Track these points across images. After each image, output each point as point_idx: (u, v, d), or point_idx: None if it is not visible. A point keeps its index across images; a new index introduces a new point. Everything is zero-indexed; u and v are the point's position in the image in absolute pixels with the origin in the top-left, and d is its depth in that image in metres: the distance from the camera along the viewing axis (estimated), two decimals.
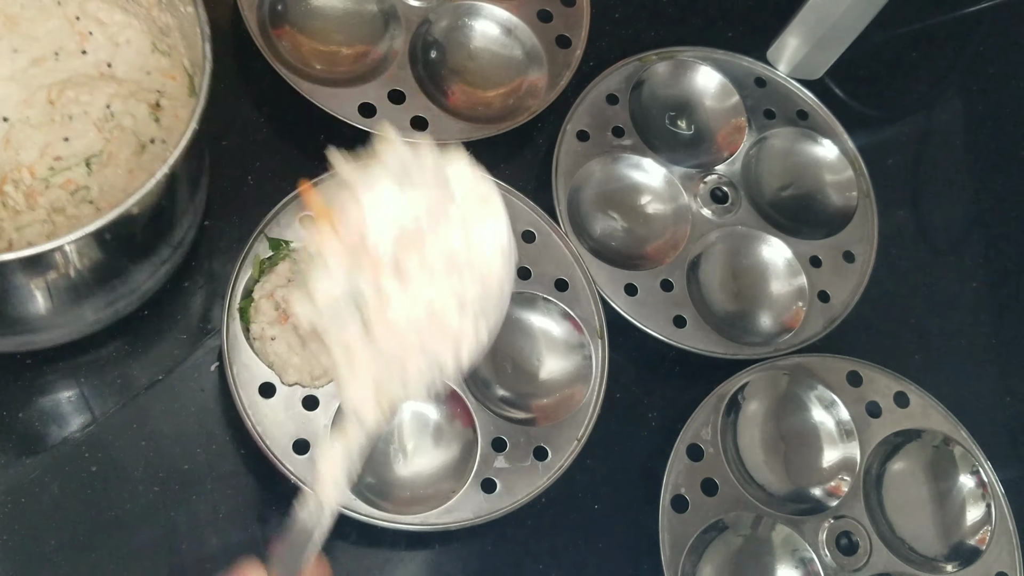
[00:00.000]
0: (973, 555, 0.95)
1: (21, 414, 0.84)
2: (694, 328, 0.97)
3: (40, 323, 0.80)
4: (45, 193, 0.82)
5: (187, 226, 0.85)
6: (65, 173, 0.83)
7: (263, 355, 0.84)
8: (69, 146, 0.84)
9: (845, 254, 1.05)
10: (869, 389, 0.99)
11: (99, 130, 0.84)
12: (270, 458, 0.81)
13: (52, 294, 0.77)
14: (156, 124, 0.85)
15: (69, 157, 0.83)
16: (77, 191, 0.82)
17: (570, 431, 0.89)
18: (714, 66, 1.10)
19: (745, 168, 1.07)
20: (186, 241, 0.87)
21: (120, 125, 0.84)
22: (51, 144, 0.83)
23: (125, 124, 0.84)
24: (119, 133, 0.84)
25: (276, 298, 0.84)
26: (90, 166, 0.83)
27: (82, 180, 0.83)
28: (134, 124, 0.85)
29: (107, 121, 0.84)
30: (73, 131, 0.84)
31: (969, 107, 1.24)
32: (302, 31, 1.00)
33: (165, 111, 0.86)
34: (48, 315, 0.79)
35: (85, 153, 0.84)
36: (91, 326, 0.84)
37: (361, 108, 0.96)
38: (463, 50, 1.04)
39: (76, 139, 0.84)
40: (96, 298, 0.80)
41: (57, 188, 0.82)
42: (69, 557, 0.80)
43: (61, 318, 0.81)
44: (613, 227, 1.02)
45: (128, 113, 0.85)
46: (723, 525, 0.90)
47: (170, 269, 0.86)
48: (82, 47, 0.87)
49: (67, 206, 0.82)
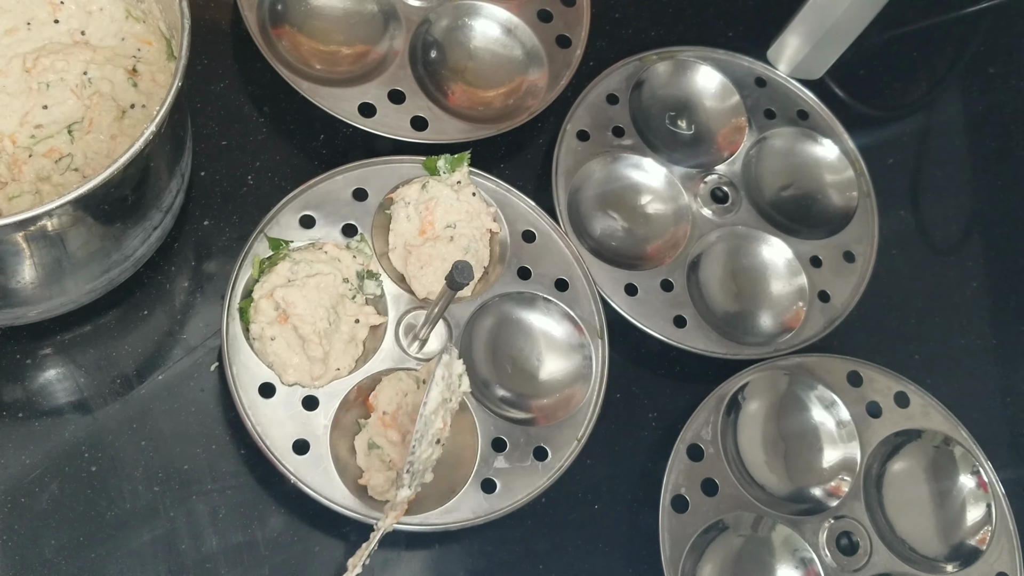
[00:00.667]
0: (973, 555, 0.95)
1: (21, 414, 0.84)
2: (694, 328, 0.97)
3: (37, 293, 0.80)
4: (29, 162, 0.82)
5: (175, 190, 0.86)
6: (48, 141, 0.83)
7: (263, 355, 0.84)
8: (49, 113, 0.84)
9: (845, 254, 1.05)
10: (869, 389, 0.99)
11: (78, 97, 0.84)
12: (270, 458, 0.81)
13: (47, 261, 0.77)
14: (135, 89, 0.86)
15: (50, 125, 0.84)
16: (61, 159, 0.83)
17: (570, 431, 0.88)
18: (714, 66, 1.10)
19: (745, 168, 1.07)
20: (175, 205, 0.87)
21: (99, 91, 0.84)
22: (30, 112, 0.84)
23: (104, 90, 0.85)
24: (98, 99, 0.84)
25: (276, 298, 0.84)
26: (72, 133, 0.84)
27: (65, 148, 0.83)
28: (112, 90, 0.85)
29: (85, 88, 0.84)
30: (51, 99, 0.84)
31: (969, 107, 1.24)
32: (302, 31, 1.00)
33: (143, 76, 0.87)
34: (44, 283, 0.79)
35: (66, 120, 0.84)
36: (88, 295, 0.84)
37: (361, 108, 0.96)
38: (463, 50, 1.04)
39: (55, 106, 0.84)
40: (92, 264, 0.80)
41: (41, 157, 0.83)
42: (69, 557, 0.80)
43: (57, 286, 0.80)
44: (613, 227, 1.02)
45: (106, 79, 0.85)
46: (723, 525, 0.90)
47: (161, 235, 0.86)
48: (54, 16, 0.87)
49: (52, 174, 0.82)
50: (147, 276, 0.90)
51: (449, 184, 0.92)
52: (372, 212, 0.91)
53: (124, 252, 0.82)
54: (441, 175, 0.93)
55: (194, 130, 0.96)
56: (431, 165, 0.93)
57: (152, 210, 0.82)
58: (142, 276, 0.89)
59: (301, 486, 0.80)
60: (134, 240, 0.82)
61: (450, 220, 0.91)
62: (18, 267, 0.76)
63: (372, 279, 0.89)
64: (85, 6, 0.88)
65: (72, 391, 0.85)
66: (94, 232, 0.77)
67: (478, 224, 0.92)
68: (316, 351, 0.83)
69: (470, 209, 0.92)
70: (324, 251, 0.87)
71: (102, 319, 0.88)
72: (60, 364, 0.86)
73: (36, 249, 0.74)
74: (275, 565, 0.83)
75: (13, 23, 0.87)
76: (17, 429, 0.83)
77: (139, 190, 0.78)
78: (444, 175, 0.93)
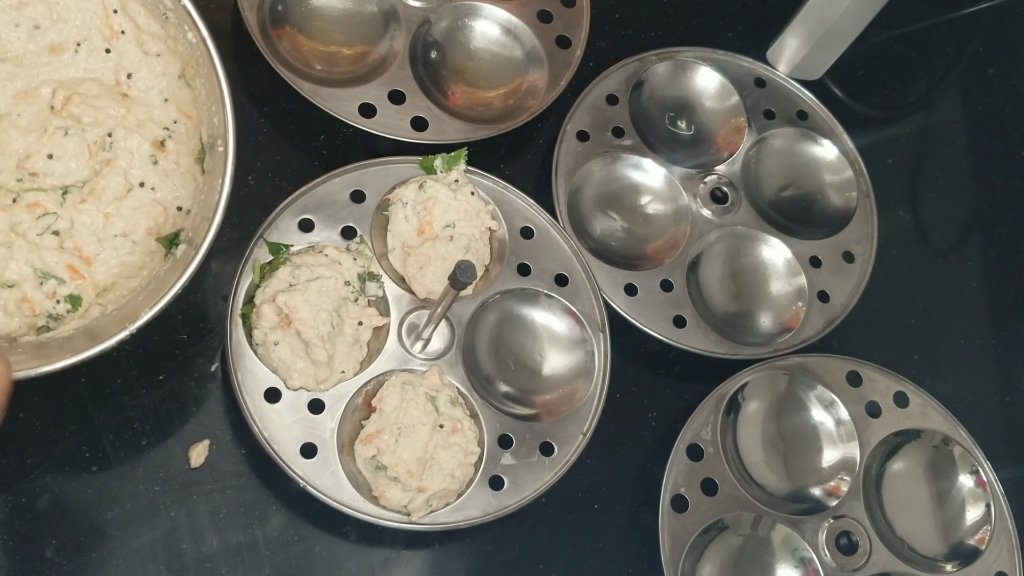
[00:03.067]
0: (973, 555, 0.95)
1: (21, 414, 0.84)
2: (694, 328, 0.97)
3: None
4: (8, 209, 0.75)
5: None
6: (37, 194, 0.75)
7: (267, 360, 0.84)
8: (50, 164, 0.76)
9: (845, 254, 1.05)
10: (869, 389, 0.99)
11: (90, 156, 0.76)
12: (278, 463, 0.81)
13: None
14: (153, 167, 0.78)
15: (46, 177, 0.76)
16: (44, 216, 0.75)
17: (575, 425, 0.89)
18: (714, 66, 1.10)
19: (745, 168, 1.07)
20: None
21: (113, 160, 0.76)
22: (32, 156, 0.76)
23: (119, 162, 0.77)
24: (109, 169, 0.76)
25: (278, 303, 0.84)
26: (65, 196, 0.76)
27: (53, 207, 0.75)
28: (128, 163, 0.77)
29: (102, 150, 0.77)
30: (62, 149, 0.76)
31: (969, 107, 1.24)
32: (302, 31, 1.00)
33: (168, 154, 0.78)
34: None
35: (64, 178, 0.76)
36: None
37: (361, 108, 0.96)
38: (463, 50, 1.05)
39: (61, 160, 0.76)
40: None
41: (23, 209, 0.75)
42: (69, 557, 0.80)
43: None
44: (613, 227, 1.02)
45: (128, 150, 0.77)
46: (723, 525, 0.90)
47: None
48: (108, 44, 0.79)
49: (29, 232, 0.75)
50: None
51: (446, 183, 0.92)
52: (370, 214, 0.92)
53: None
54: (438, 174, 0.93)
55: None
56: (428, 164, 0.93)
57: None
58: None
59: (311, 490, 0.80)
60: None
61: (449, 219, 0.91)
62: None
63: (373, 281, 0.89)
64: (143, 44, 0.79)
65: (72, 391, 0.85)
66: None
67: (477, 223, 0.92)
68: (320, 355, 0.83)
69: (469, 208, 0.92)
70: (324, 254, 0.87)
71: None
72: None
73: None
74: (276, 565, 0.83)
75: (63, 39, 0.78)
76: (17, 429, 0.83)
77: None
78: (441, 174, 0.93)
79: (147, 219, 0.77)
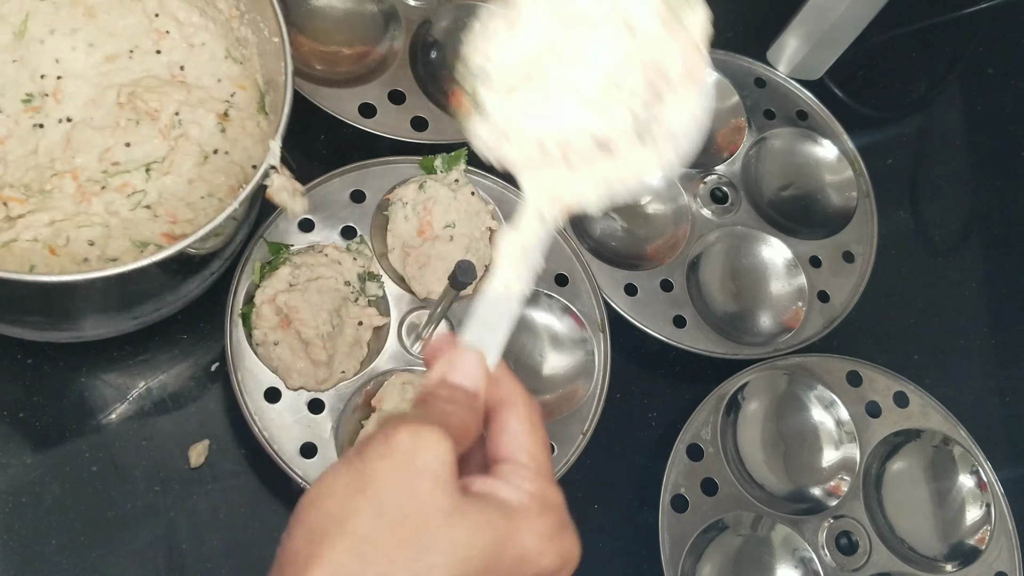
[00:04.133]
0: (973, 555, 0.95)
1: (22, 414, 0.84)
2: (694, 328, 0.97)
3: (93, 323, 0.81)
4: (100, 195, 0.80)
5: (240, 240, 0.85)
6: (123, 176, 0.81)
7: (267, 360, 0.84)
8: (129, 151, 0.82)
9: (845, 254, 1.05)
10: (869, 389, 0.99)
11: (164, 137, 0.82)
12: (278, 463, 0.81)
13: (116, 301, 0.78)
14: (222, 135, 0.84)
15: (128, 162, 0.82)
16: (133, 194, 0.81)
17: (575, 426, 0.89)
18: (714, 66, 1.10)
19: (745, 168, 1.07)
20: (235, 253, 0.86)
21: (186, 134, 0.82)
22: (111, 149, 0.82)
23: (191, 133, 0.82)
24: (184, 142, 0.82)
25: (278, 303, 0.84)
26: (149, 172, 0.82)
27: (139, 184, 0.81)
28: (200, 134, 0.83)
29: (173, 128, 0.82)
30: (137, 136, 0.82)
31: (969, 107, 1.24)
32: (302, 31, 1.00)
33: (232, 122, 0.84)
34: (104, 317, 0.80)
35: (145, 159, 0.82)
36: (133, 325, 0.83)
37: (361, 108, 0.96)
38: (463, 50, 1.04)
39: (138, 145, 0.82)
40: (146, 304, 0.81)
41: (113, 191, 0.80)
42: (69, 557, 0.80)
43: (112, 320, 0.82)
44: (613, 227, 1.02)
45: (196, 123, 0.83)
46: (723, 525, 0.90)
47: (216, 279, 0.86)
48: (157, 46, 0.85)
49: (121, 209, 0.80)
50: None
51: (447, 183, 0.92)
52: (370, 214, 0.91)
53: (179, 294, 0.83)
54: (438, 174, 0.93)
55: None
56: (428, 164, 0.93)
57: (215, 260, 0.82)
58: None
59: None
60: (191, 284, 0.83)
61: (449, 219, 0.91)
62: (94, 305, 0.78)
63: (373, 281, 0.89)
64: (188, 38, 0.86)
65: (72, 391, 0.85)
66: (156, 279, 0.78)
67: (478, 223, 0.92)
68: (320, 355, 0.83)
69: (469, 208, 0.92)
70: (324, 254, 0.87)
71: None
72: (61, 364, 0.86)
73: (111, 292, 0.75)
74: None
75: (116, 50, 0.85)
76: (18, 429, 0.83)
77: (209, 247, 0.78)
78: (441, 174, 0.93)
79: (228, 178, 0.83)
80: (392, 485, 0.46)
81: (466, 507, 0.47)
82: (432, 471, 0.46)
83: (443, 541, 0.45)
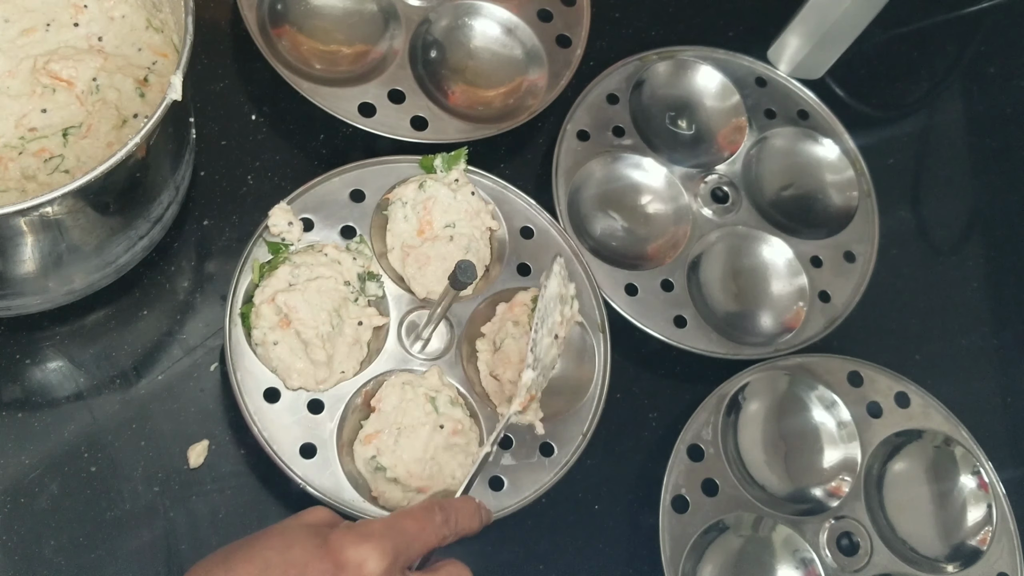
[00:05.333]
0: (974, 555, 0.95)
1: (21, 414, 0.84)
2: (694, 328, 0.97)
3: (7, 286, 0.79)
4: (17, 159, 0.81)
5: (167, 202, 0.85)
6: (41, 141, 0.82)
7: (266, 360, 0.84)
8: (46, 117, 0.83)
9: (846, 254, 1.05)
10: (870, 389, 0.98)
11: (81, 103, 0.83)
12: (277, 463, 0.80)
13: (32, 255, 0.76)
14: (141, 99, 0.85)
15: (44, 128, 0.83)
16: (51, 159, 0.82)
17: (575, 426, 0.88)
18: (714, 66, 1.10)
19: (746, 168, 1.07)
20: (166, 217, 0.86)
21: (104, 99, 0.84)
22: (27, 115, 0.83)
23: (109, 98, 0.84)
24: (102, 106, 0.83)
25: (277, 303, 0.83)
26: (67, 136, 0.83)
27: (57, 149, 0.82)
28: (118, 98, 0.84)
29: (91, 94, 0.83)
30: (54, 103, 0.83)
31: (969, 107, 1.24)
32: (302, 31, 1.00)
33: (152, 87, 0.85)
34: (15, 280, 0.78)
35: (63, 124, 0.83)
36: (65, 297, 0.83)
37: (361, 108, 0.96)
38: (463, 50, 1.04)
39: (56, 111, 0.83)
40: (71, 267, 0.80)
41: (30, 156, 0.81)
42: (69, 557, 0.80)
43: (30, 285, 0.80)
44: (613, 227, 1.02)
45: (114, 87, 0.84)
46: (723, 525, 0.90)
47: (148, 245, 0.86)
48: (75, 19, 0.86)
49: (39, 174, 0.81)
50: (147, 276, 0.89)
51: (446, 183, 0.92)
52: (370, 213, 0.91)
53: (105, 259, 0.82)
54: (438, 174, 0.93)
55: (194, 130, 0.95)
56: (428, 164, 0.93)
57: (138, 220, 0.82)
58: (142, 276, 0.89)
59: (310, 491, 0.80)
60: (117, 248, 0.82)
61: (449, 219, 0.91)
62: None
63: (373, 281, 0.89)
64: (107, 11, 0.87)
65: (72, 391, 0.85)
66: (73, 236, 0.76)
67: (478, 223, 0.92)
68: (319, 355, 0.83)
69: (469, 208, 0.92)
70: (324, 253, 0.87)
71: (102, 319, 0.88)
72: (60, 364, 0.86)
73: (12, 245, 0.74)
74: None
75: (33, 23, 0.86)
76: (17, 429, 0.83)
77: (123, 199, 0.78)
78: (441, 173, 0.93)
79: None
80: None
81: None
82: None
83: None
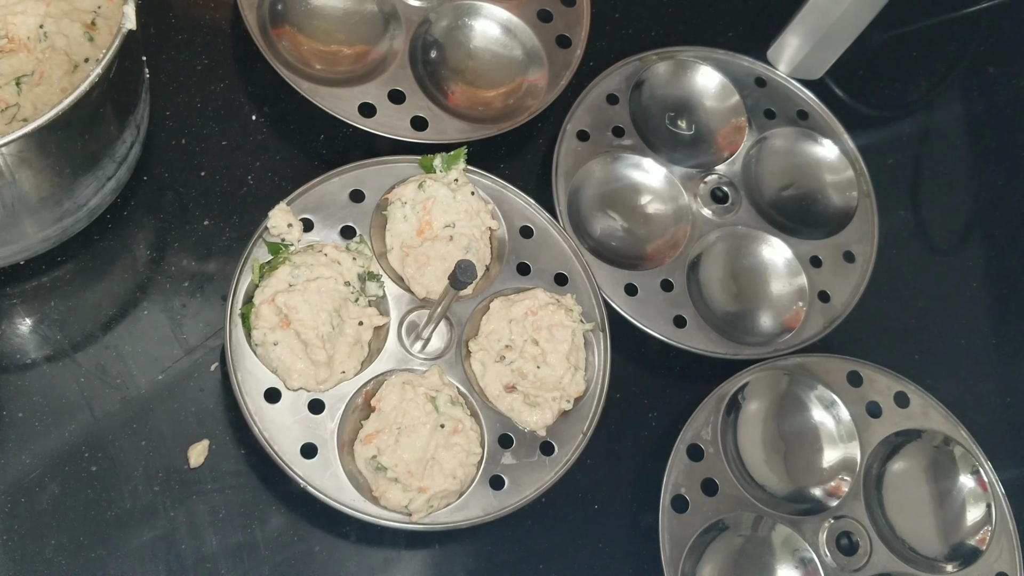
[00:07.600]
0: (973, 555, 0.95)
1: (21, 414, 0.84)
2: (694, 328, 0.97)
3: None
4: None
5: (129, 141, 0.85)
6: None
7: (266, 361, 0.84)
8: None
9: (845, 254, 1.05)
10: (869, 389, 0.99)
11: (30, 51, 0.84)
12: (279, 463, 0.81)
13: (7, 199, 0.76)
14: (90, 44, 0.85)
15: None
16: (7, 109, 0.82)
17: (575, 425, 0.89)
18: (714, 66, 1.10)
19: (745, 168, 1.07)
20: (130, 157, 0.86)
21: (52, 45, 0.84)
22: None
23: (58, 44, 0.84)
24: (51, 53, 0.84)
25: (277, 303, 0.83)
26: (20, 85, 0.83)
27: (12, 99, 0.83)
28: (67, 44, 0.84)
29: (40, 42, 0.84)
30: (2, 53, 0.84)
31: (969, 107, 1.24)
32: (302, 31, 1.00)
33: (100, 30, 0.86)
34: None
35: (14, 73, 0.84)
36: (42, 243, 0.84)
37: (361, 108, 0.96)
38: (463, 50, 1.04)
39: (4, 61, 0.83)
40: (43, 211, 0.80)
41: None
42: (69, 557, 0.80)
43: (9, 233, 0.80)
44: (613, 227, 1.02)
45: (61, 33, 0.84)
46: (723, 525, 0.90)
47: (115, 187, 0.86)
48: None
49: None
50: (147, 275, 0.90)
51: (446, 183, 0.92)
52: (370, 213, 0.91)
53: (77, 201, 0.82)
54: (437, 173, 0.93)
55: (194, 130, 0.96)
56: (427, 164, 0.93)
57: (104, 159, 0.82)
58: (143, 276, 0.89)
59: (311, 491, 0.80)
60: (87, 189, 0.82)
61: (448, 219, 0.91)
62: None
63: (373, 280, 0.89)
64: None
65: (72, 392, 0.85)
66: (44, 176, 0.77)
67: (478, 223, 0.92)
68: (320, 355, 0.83)
69: (469, 208, 0.92)
70: (324, 254, 0.87)
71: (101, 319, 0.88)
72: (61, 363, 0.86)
73: None
74: (275, 565, 0.83)
75: None
76: (17, 429, 0.83)
77: (87, 137, 0.78)
78: (440, 173, 0.93)
79: None
80: None
81: None
82: None
83: None
